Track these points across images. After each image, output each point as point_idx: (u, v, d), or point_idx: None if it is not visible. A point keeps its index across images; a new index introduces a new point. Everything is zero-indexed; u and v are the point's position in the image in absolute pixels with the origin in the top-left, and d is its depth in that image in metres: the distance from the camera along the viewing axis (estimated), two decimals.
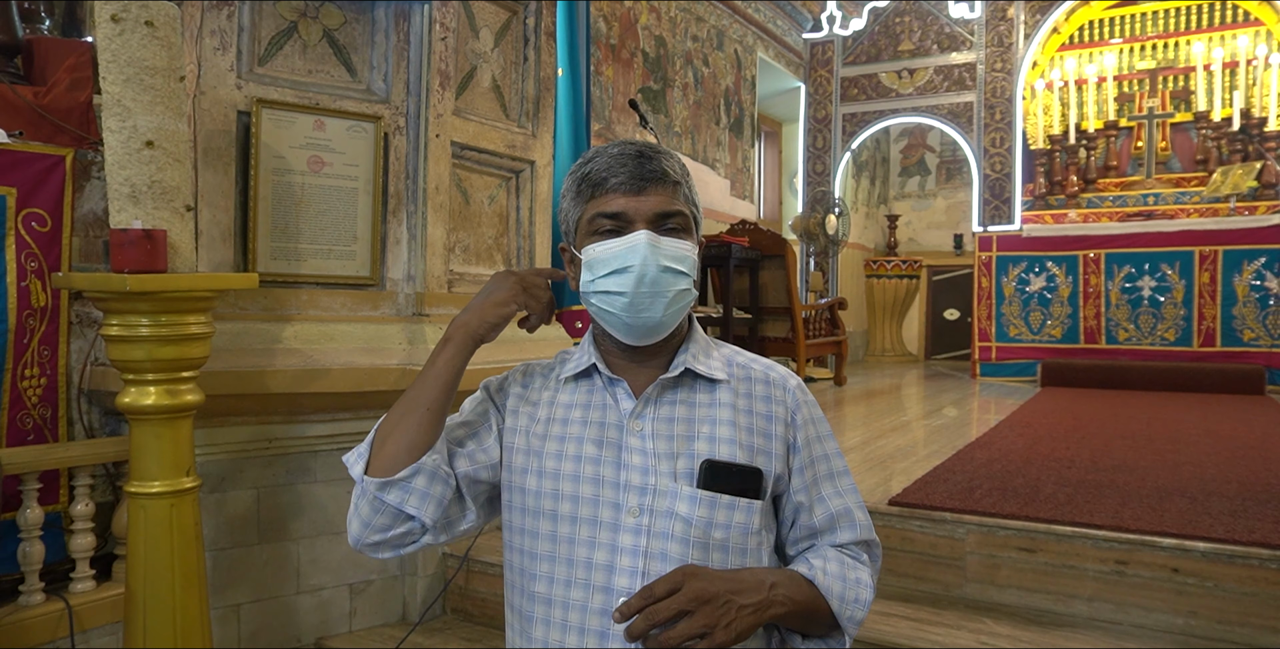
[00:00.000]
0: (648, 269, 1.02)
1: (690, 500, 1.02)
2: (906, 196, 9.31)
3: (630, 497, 1.03)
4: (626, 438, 1.06)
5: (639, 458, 1.05)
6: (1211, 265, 5.71)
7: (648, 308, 1.04)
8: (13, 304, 1.96)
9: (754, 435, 1.08)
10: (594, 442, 1.07)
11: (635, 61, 5.37)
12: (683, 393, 1.09)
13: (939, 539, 2.27)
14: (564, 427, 1.09)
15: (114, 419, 2.19)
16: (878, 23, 7.49)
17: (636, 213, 1.04)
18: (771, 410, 1.10)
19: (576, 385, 1.13)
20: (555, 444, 1.08)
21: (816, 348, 5.81)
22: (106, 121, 1.74)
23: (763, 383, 1.12)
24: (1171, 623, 1.99)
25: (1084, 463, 2.98)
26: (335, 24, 2.41)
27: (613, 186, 1.04)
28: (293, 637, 2.33)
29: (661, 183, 1.06)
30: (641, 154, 1.06)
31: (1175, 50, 6.69)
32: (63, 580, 2.01)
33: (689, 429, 1.06)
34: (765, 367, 1.15)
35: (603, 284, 1.04)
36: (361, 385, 2.30)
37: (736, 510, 1.03)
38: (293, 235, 2.32)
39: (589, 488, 1.04)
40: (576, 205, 1.09)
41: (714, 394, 1.09)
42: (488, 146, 2.67)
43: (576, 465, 1.06)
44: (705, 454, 1.05)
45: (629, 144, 1.07)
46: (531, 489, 1.07)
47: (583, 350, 1.15)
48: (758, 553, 1.06)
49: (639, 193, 1.05)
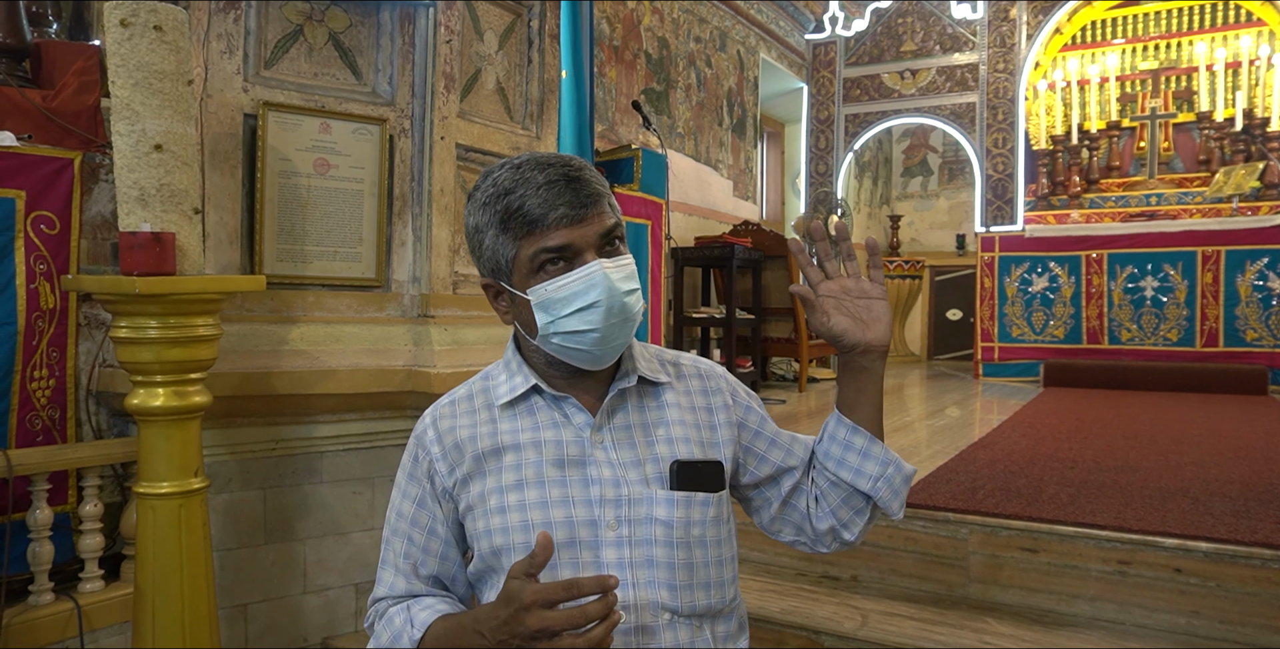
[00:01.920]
0: (614, 300, 0.99)
1: (668, 503, 1.04)
2: (909, 197, 9.31)
3: (606, 511, 1.02)
4: (591, 452, 1.05)
5: (608, 470, 1.04)
6: (1214, 266, 5.71)
7: (617, 336, 1.02)
8: (22, 306, 1.97)
9: (703, 429, 1.11)
10: (553, 463, 1.04)
11: (638, 63, 5.39)
12: (633, 400, 1.10)
13: (942, 539, 2.28)
14: (516, 454, 1.05)
15: (122, 420, 2.20)
16: (880, 23, 7.50)
17: (583, 241, 0.99)
18: (710, 402, 1.14)
19: (515, 410, 1.08)
20: (512, 474, 1.04)
21: (819, 348, 5.82)
22: (115, 125, 1.75)
23: (696, 377, 1.16)
24: (1174, 623, 2.00)
25: (1087, 463, 2.98)
26: (341, 27, 2.42)
27: (553, 222, 0.97)
28: (299, 636, 2.34)
29: (597, 203, 1.00)
30: (569, 178, 0.99)
31: (1178, 50, 6.69)
32: (72, 580, 2.03)
33: (647, 435, 1.08)
34: (692, 361, 1.19)
35: (567, 324, 1.00)
36: (367, 386, 2.31)
37: (710, 505, 1.06)
38: (299, 237, 2.33)
39: (560, 511, 1.02)
40: (506, 242, 1.00)
41: (661, 397, 1.11)
42: (492, 148, 2.68)
43: (541, 491, 1.03)
44: (668, 456, 1.06)
45: (548, 166, 1.00)
46: (497, 527, 1.03)
47: (511, 371, 1.10)
48: (729, 540, 1.11)
49: (580, 222, 0.98)
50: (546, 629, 0.85)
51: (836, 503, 1.15)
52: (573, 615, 0.85)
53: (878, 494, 1.13)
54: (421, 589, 1.10)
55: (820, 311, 1.07)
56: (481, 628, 0.91)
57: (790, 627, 2.10)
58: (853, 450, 1.13)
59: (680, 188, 5.73)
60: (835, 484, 1.15)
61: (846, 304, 1.09)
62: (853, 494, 1.14)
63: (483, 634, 0.91)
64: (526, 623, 0.86)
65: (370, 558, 2.43)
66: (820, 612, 2.15)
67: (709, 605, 1.06)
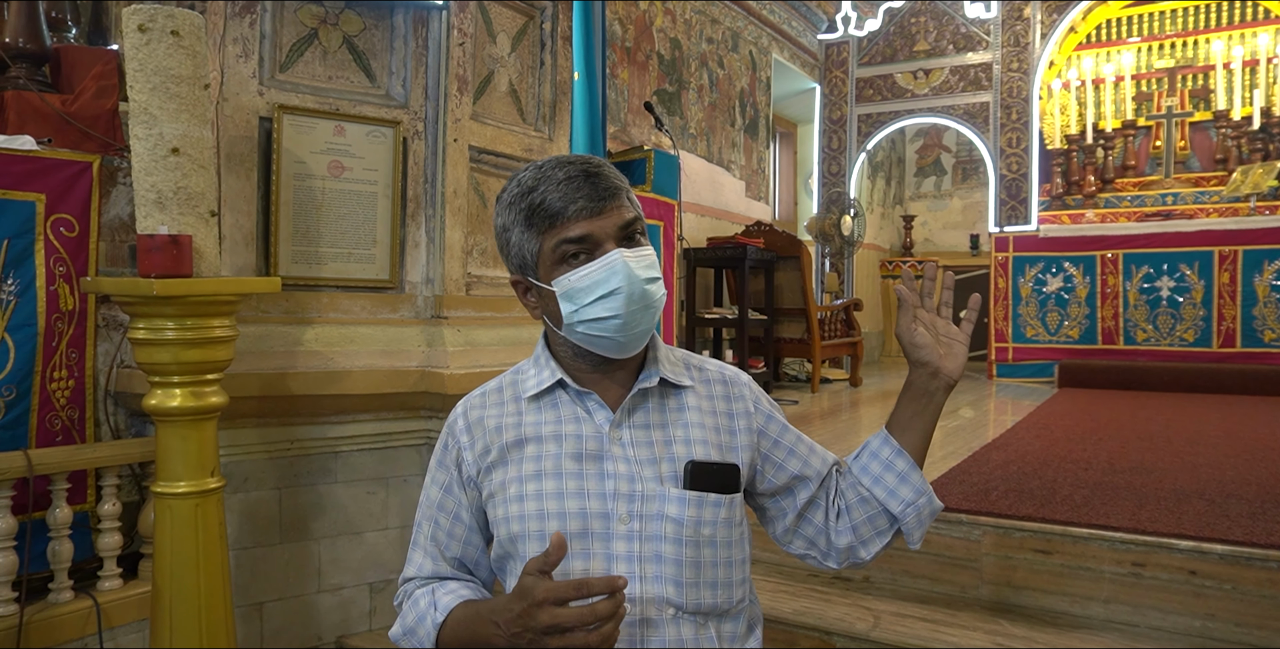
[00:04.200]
0: (634, 286, 1.03)
1: (679, 501, 1.06)
2: (922, 197, 9.28)
3: (620, 504, 1.06)
4: (608, 448, 1.08)
5: (624, 466, 1.07)
6: (1231, 265, 5.66)
7: (640, 322, 1.06)
8: (42, 308, 2.00)
9: (722, 434, 1.14)
10: (571, 456, 1.08)
11: (650, 64, 5.39)
12: (654, 401, 1.13)
13: (955, 541, 2.27)
14: (538, 446, 1.10)
15: (140, 420, 2.23)
16: (893, 23, 7.47)
17: (603, 232, 1.03)
18: (733, 408, 1.16)
19: (540, 404, 1.13)
20: (532, 465, 1.09)
21: (832, 349, 5.80)
22: (133, 129, 1.78)
23: (720, 383, 1.19)
24: (1189, 625, 1.98)
25: (1101, 464, 2.97)
26: (355, 30, 2.44)
27: (573, 214, 1.02)
28: (314, 635, 2.36)
29: (615, 196, 1.05)
30: (588, 174, 1.04)
31: (1194, 49, 6.64)
32: (91, 578, 2.05)
33: (665, 435, 1.10)
34: (717, 367, 1.21)
35: (590, 312, 1.04)
36: (381, 387, 2.33)
37: (721, 506, 1.08)
38: (313, 239, 2.35)
39: (574, 503, 1.06)
40: (531, 238, 1.06)
41: (682, 399, 1.14)
42: (505, 150, 2.70)
43: (559, 482, 1.07)
44: (684, 456, 1.09)
45: (568, 164, 1.05)
46: (515, 515, 1.07)
47: (539, 366, 1.14)
48: (741, 543, 1.12)
49: (599, 214, 1.03)
50: (557, 625, 0.90)
51: (860, 519, 1.17)
52: (582, 613, 0.89)
53: (905, 518, 1.15)
54: (447, 571, 1.16)
55: (912, 318, 1.13)
56: (497, 618, 0.96)
57: (802, 627, 2.10)
58: (892, 472, 1.16)
59: (693, 189, 5.74)
60: (865, 500, 1.17)
61: (932, 332, 1.15)
62: (879, 514, 1.17)
63: (498, 625, 0.96)
64: (538, 618, 0.90)
65: (384, 557, 2.45)
66: (832, 612, 2.15)
67: (714, 605, 1.08)
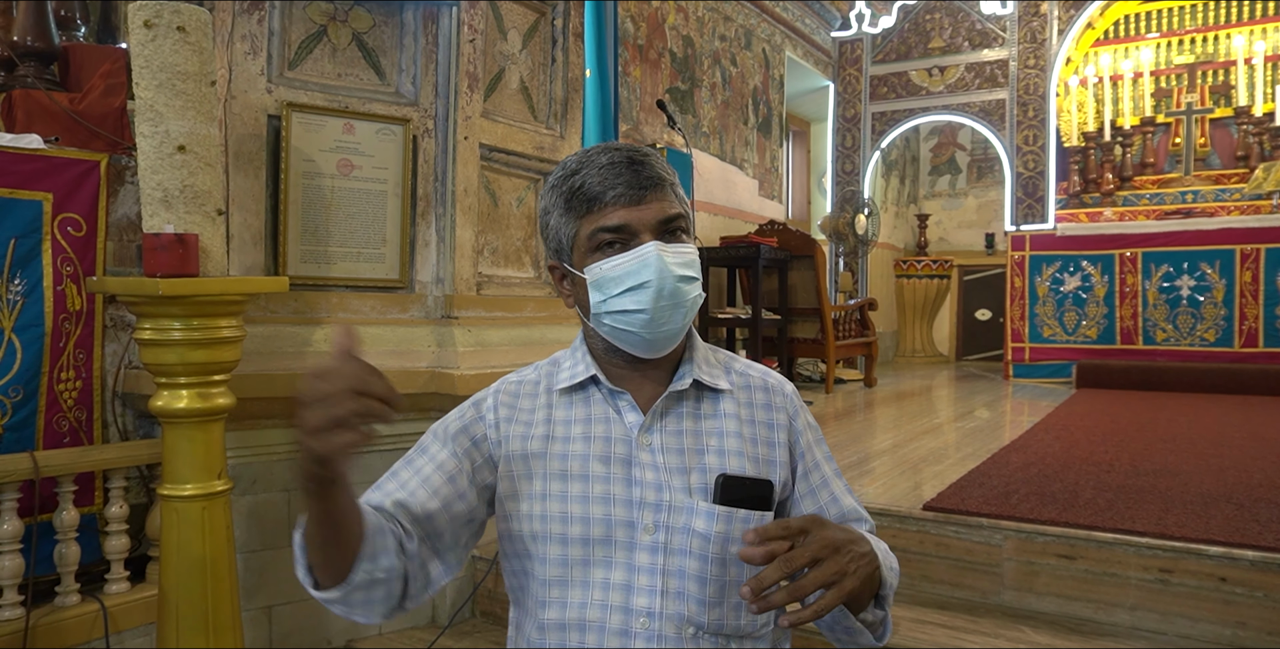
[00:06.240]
0: (665, 282, 0.98)
1: (708, 516, 1.00)
2: (937, 195, 9.20)
3: (645, 514, 1.00)
4: (636, 453, 1.03)
5: (651, 474, 1.02)
6: (1253, 264, 5.57)
7: (668, 320, 1.00)
8: (49, 308, 1.98)
9: (759, 446, 1.07)
10: (600, 459, 1.03)
11: (663, 62, 5.35)
12: (688, 405, 1.07)
13: (975, 545, 2.22)
14: (565, 444, 1.04)
15: (148, 422, 2.21)
16: (907, 20, 7.41)
17: (640, 223, 0.99)
18: (773, 418, 1.10)
19: (572, 398, 1.08)
20: (558, 463, 1.03)
21: (846, 349, 5.75)
22: (139, 127, 1.75)
23: (762, 390, 1.12)
24: (1219, 634, 1.93)
25: (1124, 467, 2.91)
26: (364, 27, 2.41)
27: (611, 200, 0.99)
28: (323, 639, 2.34)
29: (658, 188, 1.01)
30: (633, 161, 1.00)
31: (1214, 44, 6.54)
32: (98, 581, 2.03)
33: (698, 442, 1.05)
34: (761, 373, 1.14)
35: (618, 303, 1.00)
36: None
37: (751, 523, 1.00)
38: (322, 238, 2.32)
39: (599, 508, 1.01)
40: (568, 221, 1.02)
41: (718, 405, 1.08)
42: (516, 148, 2.67)
43: (585, 485, 1.02)
44: (716, 468, 1.03)
45: (614, 150, 1.02)
46: (536, 513, 1.02)
47: (575, 359, 1.10)
48: None
49: (638, 203, 0.99)
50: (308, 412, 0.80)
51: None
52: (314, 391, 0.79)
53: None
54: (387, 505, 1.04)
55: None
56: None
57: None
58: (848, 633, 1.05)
59: (705, 187, 5.70)
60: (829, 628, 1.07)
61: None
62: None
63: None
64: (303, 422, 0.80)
65: None
66: None
67: (738, 627, 1.02)
